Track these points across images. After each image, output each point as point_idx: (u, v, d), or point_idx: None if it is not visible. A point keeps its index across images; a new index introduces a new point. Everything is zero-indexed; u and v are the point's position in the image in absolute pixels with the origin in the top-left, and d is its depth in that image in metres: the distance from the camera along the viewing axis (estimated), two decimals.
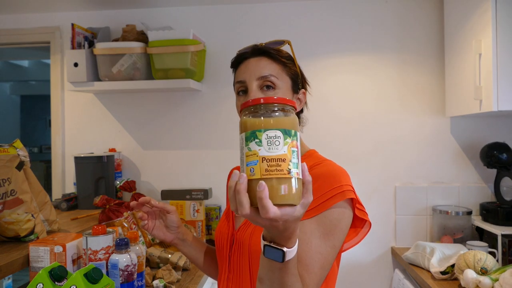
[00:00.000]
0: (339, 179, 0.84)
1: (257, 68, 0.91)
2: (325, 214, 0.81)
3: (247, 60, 0.93)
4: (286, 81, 0.92)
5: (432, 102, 2.10)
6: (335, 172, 0.85)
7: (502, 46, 1.58)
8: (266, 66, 0.91)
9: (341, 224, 0.82)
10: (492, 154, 1.87)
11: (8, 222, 1.23)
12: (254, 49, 0.94)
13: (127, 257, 1.17)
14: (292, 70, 0.94)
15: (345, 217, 0.83)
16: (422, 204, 2.09)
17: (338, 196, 0.82)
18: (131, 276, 1.18)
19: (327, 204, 0.82)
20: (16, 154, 1.27)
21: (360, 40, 2.13)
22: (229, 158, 2.20)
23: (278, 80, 0.90)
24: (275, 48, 0.94)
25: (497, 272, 1.43)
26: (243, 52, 0.95)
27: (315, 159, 0.93)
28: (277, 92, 0.90)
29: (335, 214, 0.82)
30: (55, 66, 2.29)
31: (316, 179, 0.83)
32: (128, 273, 1.17)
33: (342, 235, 0.83)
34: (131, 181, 1.97)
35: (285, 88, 0.92)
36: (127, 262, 1.17)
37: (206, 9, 2.21)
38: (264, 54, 0.92)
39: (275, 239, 0.65)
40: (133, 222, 1.72)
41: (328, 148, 2.10)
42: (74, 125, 2.29)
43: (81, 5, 2.18)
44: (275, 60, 0.92)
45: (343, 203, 0.83)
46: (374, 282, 2.12)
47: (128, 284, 1.17)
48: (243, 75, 0.92)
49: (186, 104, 2.23)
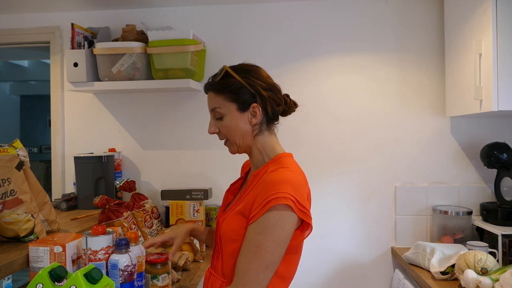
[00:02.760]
0: (278, 187, 0.96)
1: (208, 102, 1.14)
2: (264, 217, 0.96)
3: (206, 95, 1.16)
4: (231, 106, 1.09)
5: (432, 102, 2.10)
6: (279, 180, 0.98)
7: (502, 46, 1.58)
8: (212, 99, 1.12)
9: (276, 223, 0.95)
10: (492, 154, 1.87)
11: (7, 222, 1.23)
12: (204, 86, 1.15)
13: (127, 257, 1.17)
14: (233, 94, 1.08)
15: (281, 219, 0.96)
16: (422, 204, 2.09)
17: (272, 201, 0.95)
18: (131, 276, 1.18)
19: (264, 208, 0.96)
20: (15, 154, 1.27)
21: (360, 40, 2.13)
22: (229, 158, 2.19)
23: (222, 109, 1.10)
24: (216, 81, 1.10)
25: (498, 272, 1.43)
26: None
27: (277, 165, 1.05)
28: (225, 119, 1.10)
29: (272, 216, 0.96)
30: (55, 66, 2.29)
31: (263, 184, 0.99)
32: (128, 273, 1.17)
33: (278, 234, 0.95)
34: (131, 181, 1.97)
35: (231, 113, 1.09)
36: (127, 262, 1.17)
37: (206, 9, 2.21)
38: (210, 89, 1.13)
39: None
40: (133, 222, 1.72)
41: (328, 148, 2.10)
42: (74, 125, 2.29)
43: (81, 5, 2.18)
44: (217, 92, 1.10)
45: (279, 206, 0.95)
46: (374, 282, 2.12)
47: (128, 284, 1.17)
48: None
49: (186, 104, 2.23)
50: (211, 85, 1.12)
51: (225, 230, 1.06)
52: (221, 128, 1.12)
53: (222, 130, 1.13)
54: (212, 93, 1.12)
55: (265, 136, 1.13)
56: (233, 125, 1.10)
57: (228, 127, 1.11)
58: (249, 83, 1.08)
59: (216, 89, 1.11)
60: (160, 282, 1.32)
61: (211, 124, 1.14)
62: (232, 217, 1.06)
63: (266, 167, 1.08)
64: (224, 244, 1.06)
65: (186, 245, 1.78)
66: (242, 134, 1.11)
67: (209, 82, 1.13)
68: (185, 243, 1.77)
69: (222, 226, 1.08)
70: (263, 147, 1.13)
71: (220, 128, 1.13)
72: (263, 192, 0.98)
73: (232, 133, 1.11)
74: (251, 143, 1.12)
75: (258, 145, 1.13)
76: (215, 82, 1.11)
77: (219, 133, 1.14)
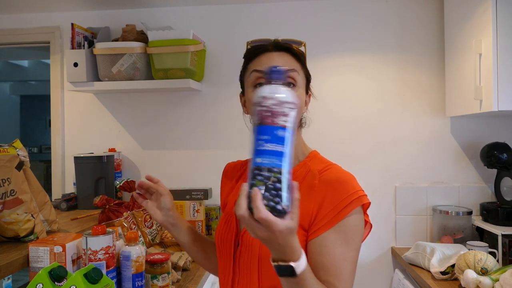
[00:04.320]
0: (352, 185, 0.84)
1: (280, 61, 0.87)
2: (343, 222, 0.81)
3: (268, 53, 0.90)
4: (303, 80, 0.92)
5: (432, 102, 2.10)
6: (347, 177, 0.86)
7: (502, 46, 1.58)
8: (290, 61, 0.89)
9: (358, 228, 0.84)
10: (492, 154, 1.87)
11: (7, 222, 1.23)
12: (276, 43, 0.91)
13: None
14: (307, 70, 0.94)
15: (361, 222, 0.85)
16: (422, 204, 2.09)
17: (354, 202, 0.82)
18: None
19: (344, 212, 0.82)
20: (15, 154, 1.27)
21: (360, 40, 2.13)
22: (229, 158, 2.18)
23: (299, 76, 0.89)
24: (296, 46, 0.92)
25: (498, 272, 1.43)
26: (262, 44, 0.92)
27: (321, 163, 0.92)
28: (296, 90, 0.88)
29: (353, 220, 0.82)
30: (55, 66, 2.29)
31: (328, 185, 0.85)
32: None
33: (360, 236, 0.84)
34: (131, 181, 1.97)
35: (302, 86, 0.91)
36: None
37: (206, 9, 2.21)
38: (286, 50, 0.90)
39: (282, 257, 0.68)
40: (133, 222, 1.72)
41: (328, 148, 2.09)
42: (74, 125, 2.29)
43: (81, 5, 2.18)
44: (296, 58, 0.91)
45: (358, 209, 0.84)
46: (374, 282, 2.12)
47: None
48: (266, 65, 0.85)
49: (186, 104, 2.23)
50: (291, 46, 0.92)
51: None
52: None
53: None
54: (290, 56, 0.90)
55: (300, 132, 0.98)
56: (300, 100, 0.89)
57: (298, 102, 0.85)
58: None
59: (297, 54, 0.91)
60: (160, 282, 1.32)
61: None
62: None
63: (304, 166, 0.92)
64: (267, 267, 0.83)
65: None
66: (299, 117, 0.92)
67: (284, 41, 0.92)
68: None
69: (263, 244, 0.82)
70: (299, 143, 0.96)
71: None
72: (335, 195, 0.83)
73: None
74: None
75: (296, 140, 0.90)
76: (294, 46, 0.92)
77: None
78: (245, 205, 0.62)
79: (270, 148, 0.63)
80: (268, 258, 0.79)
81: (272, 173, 0.62)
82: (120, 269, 1.22)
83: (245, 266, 0.88)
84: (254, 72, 0.89)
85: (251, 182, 0.63)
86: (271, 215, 0.61)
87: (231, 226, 0.94)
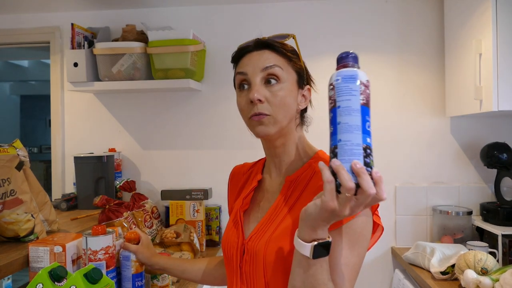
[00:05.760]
0: None
1: (260, 59, 0.86)
2: (348, 225, 0.78)
3: (250, 53, 0.88)
4: (292, 74, 0.88)
5: (432, 102, 2.10)
6: None
7: (502, 46, 1.58)
8: (270, 57, 0.86)
9: (364, 231, 0.79)
10: (492, 154, 1.87)
11: (7, 222, 1.23)
12: (257, 42, 0.89)
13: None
14: (297, 64, 0.90)
15: (368, 225, 0.80)
16: (422, 204, 2.09)
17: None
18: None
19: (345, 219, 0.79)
20: (15, 154, 1.26)
21: (360, 40, 2.12)
22: (229, 158, 2.20)
23: (283, 71, 0.85)
24: (279, 41, 0.89)
25: (498, 272, 1.43)
26: (245, 46, 0.91)
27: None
28: (282, 86, 0.85)
29: (359, 223, 0.78)
30: (55, 66, 2.29)
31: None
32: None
33: (366, 243, 0.80)
34: (131, 181, 1.97)
35: (290, 81, 0.87)
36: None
37: (206, 9, 2.21)
38: (267, 47, 0.88)
39: (319, 236, 0.69)
40: (133, 222, 1.72)
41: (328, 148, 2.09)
42: (74, 125, 2.29)
43: (81, 5, 2.18)
44: (279, 53, 0.87)
45: (366, 210, 0.79)
46: (374, 282, 2.12)
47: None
48: (246, 67, 0.87)
49: (186, 104, 2.23)
50: (272, 41, 0.88)
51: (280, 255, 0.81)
52: (271, 96, 0.84)
53: (271, 100, 0.84)
54: (271, 52, 0.87)
55: (302, 130, 0.95)
56: (286, 96, 0.85)
57: (281, 97, 0.84)
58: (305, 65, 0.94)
59: (279, 49, 0.88)
60: (160, 282, 1.32)
61: (257, 89, 0.84)
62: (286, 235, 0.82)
63: (309, 167, 0.89)
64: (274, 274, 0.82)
65: (186, 245, 1.78)
66: (289, 115, 0.87)
67: (270, 39, 0.90)
68: (185, 243, 1.77)
69: (268, 252, 0.82)
70: (301, 143, 0.92)
71: (268, 96, 0.84)
72: None
73: (281, 107, 0.85)
74: (289, 132, 0.89)
75: (296, 139, 0.91)
76: (279, 42, 0.89)
77: (261, 103, 0.84)
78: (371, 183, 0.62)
79: (370, 129, 0.67)
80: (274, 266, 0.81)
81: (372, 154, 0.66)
82: (120, 269, 1.22)
83: (251, 275, 0.86)
84: (238, 75, 0.89)
85: (366, 161, 0.64)
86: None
87: (236, 233, 0.92)
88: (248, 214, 0.94)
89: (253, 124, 0.86)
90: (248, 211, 0.94)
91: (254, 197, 0.96)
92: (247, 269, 0.87)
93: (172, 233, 1.79)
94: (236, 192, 1.05)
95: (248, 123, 0.88)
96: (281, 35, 0.91)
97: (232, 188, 1.08)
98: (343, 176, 0.62)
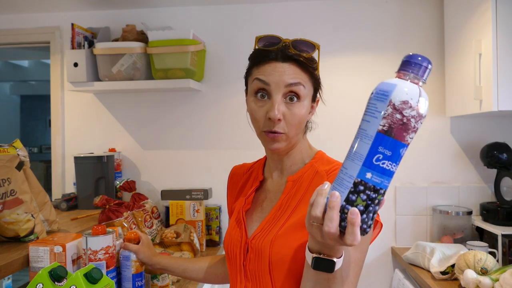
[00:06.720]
0: None
1: (285, 73, 0.83)
2: None
3: (275, 62, 0.84)
4: (310, 90, 0.87)
5: (432, 102, 2.10)
6: None
7: (502, 46, 1.58)
8: (295, 73, 0.83)
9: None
10: (492, 154, 1.87)
11: (7, 222, 1.23)
12: (283, 52, 0.85)
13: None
14: (315, 78, 0.89)
15: None
16: (422, 204, 2.09)
17: None
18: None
19: None
20: (16, 154, 1.27)
21: (360, 40, 2.13)
22: (229, 158, 2.20)
23: (305, 89, 0.84)
24: (306, 56, 0.86)
25: (497, 272, 1.43)
26: (269, 51, 0.86)
27: (329, 163, 0.90)
28: (301, 105, 0.84)
29: None
30: (55, 66, 2.29)
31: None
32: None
33: (368, 239, 0.81)
34: (131, 181, 1.97)
35: (308, 98, 0.86)
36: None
37: (206, 9, 2.21)
38: (294, 61, 0.84)
39: (325, 251, 0.65)
40: (133, 222, 1.72)
41: (327, 148, 2.08)
42: (74, 125, 2.29)
43: (81, 5, 2.18)
44: (304, 68, 0.85)
45: None
46: (374, 282, 2.12)
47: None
48: (269, 77, 0.83)
49: (186, 104, 2.23)
50: (299, 55, 0.84)
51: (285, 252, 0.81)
52: (289, 115, 0.83)
53: (288, 118, 0.83)
54: (297, 67, 0.84)
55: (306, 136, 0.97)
56: (303, 115, 0.85)
57: (299, 116, 0.84)
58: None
59: (304, 64, 0.85)
60: (160, 282, 1.32)
61: (278, 107, 0.82)
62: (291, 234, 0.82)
63: (311, 167, 0.90)
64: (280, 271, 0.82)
65: (186, 245, 1.78)
66: (301, 129, 0.88)
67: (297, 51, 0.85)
68: (185, 243, 1.77)
69: (273, 251, 0.83)
70: (305, 146, 0.94)
71: (286, 114, 0.83)
72: None
73: (296, 126, 0.85)
74: (296, 143, 0.91)
75: (301, 145, 0.93)
76: (304, 56, 0.85)
77: (278, 122, 0.83)
78: (337, 222, 0.56)
79: (387, 166, 0.54)
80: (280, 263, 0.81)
81: (377, 195, 0.55)
82: (120, 269, 1.22)
83: (257, 273, 0.86)
84: (256, 81, 0.85)
85: (350, 197, 0.55)
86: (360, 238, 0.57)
87: (239, 232, 0.92)
88: (250, 214, 0.95)
89: (266, 140, 0.86)
90: (250, 211, 0.95)
91: (256, 197, 0.97)
92: (251, 267, 0.87)
93: (172, 233, 1.79)
94: (235, 192, 1.05)
95: (261, 135, 0.88)
96: (309, 43, 0.88)
97: (231, 189, 1.08)
98: (315, 203, 0.60)
